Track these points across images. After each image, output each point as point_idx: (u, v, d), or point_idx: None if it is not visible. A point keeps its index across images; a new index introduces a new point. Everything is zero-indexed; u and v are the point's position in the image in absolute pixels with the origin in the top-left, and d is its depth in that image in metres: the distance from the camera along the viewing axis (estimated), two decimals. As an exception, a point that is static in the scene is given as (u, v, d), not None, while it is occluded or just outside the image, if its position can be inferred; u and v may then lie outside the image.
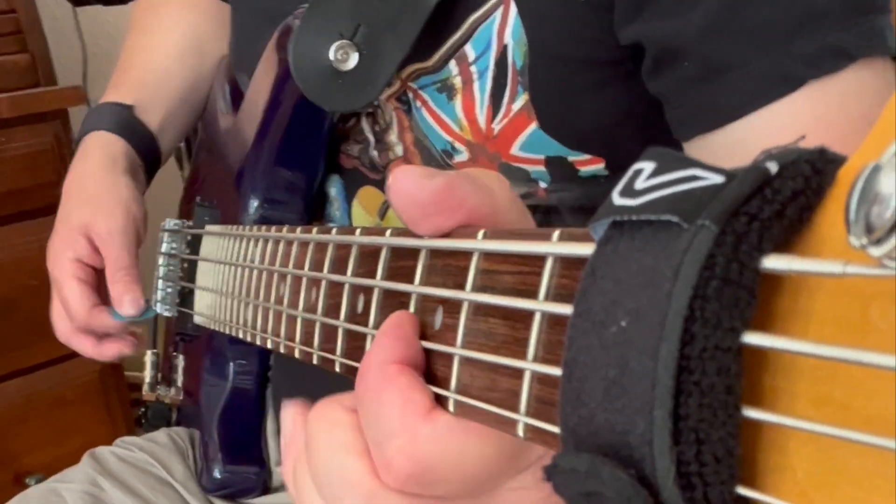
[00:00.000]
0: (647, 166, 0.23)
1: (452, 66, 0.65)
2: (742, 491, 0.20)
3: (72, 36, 2.03)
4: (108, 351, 0.89)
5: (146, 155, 0.94)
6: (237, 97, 0.90)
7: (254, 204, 0.77)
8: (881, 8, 0.53)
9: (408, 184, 0.33)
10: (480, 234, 0.32)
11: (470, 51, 0.64)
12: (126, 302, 0.83)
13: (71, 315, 0.86)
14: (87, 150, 0.90)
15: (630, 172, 0.23)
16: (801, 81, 0.53)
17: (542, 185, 0.67)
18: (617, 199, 0.23)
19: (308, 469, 0.36)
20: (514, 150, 0.65)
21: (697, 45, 0.55)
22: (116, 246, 0.84)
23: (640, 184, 0.23)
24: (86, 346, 0.88)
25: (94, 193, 0.87)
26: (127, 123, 0.92)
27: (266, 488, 0.85)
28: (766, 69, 0.53)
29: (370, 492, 0.32)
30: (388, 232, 0.39)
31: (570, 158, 0.65)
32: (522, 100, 0.63)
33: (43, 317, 0.92)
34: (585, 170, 0.66)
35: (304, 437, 0.36)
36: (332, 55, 0.64)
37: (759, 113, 0.54)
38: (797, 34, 0.52)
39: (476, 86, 0.64)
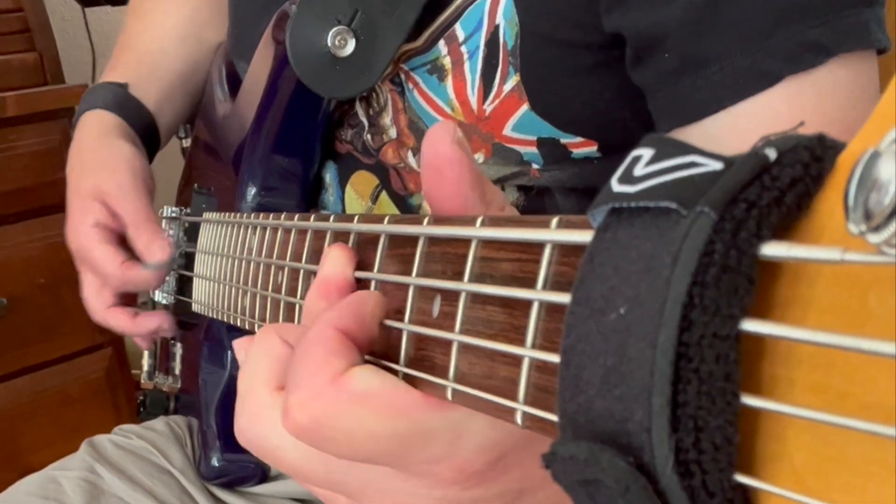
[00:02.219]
0: (645, 153, 0.23)
1: (441, 46, 0.65)
2: (740, 478, 0.20)
3: (81, 36, 2.04)
4: (147, 324, 0.88)
5: (142, 131, 0.93)
6: (235, 84, 0.90)
7: (251, 191, 0.77)
8: (869, 1, 0.53)
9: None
10: (479, 221, 0.32)
11: (459, 31, 0.63)
12: (155, 248, 0.81)
13: (106, 278, 0.84)
14: (81, 129, 0.90)
15: (629, 159, 0.23)
16: (778, 77, 0.52)
17: (535, 165, 0.67)
18: (616, 185, 0.23)
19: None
20: (507, 130, 0.65)
21: (677, 37, 0.54)
22: (130, 200, 0.83)
23: (638, 170, 0.23)
24: (123, 321, 0.87)
25: (95, 159, 0.86)
26: (120, 100, 0.92)
27: (265, 476, 0.85)
28: (744, 64, 0.53)
29: (274, 426, 0.35)
30: (387, 219, 0.39)
31: (563, 140, 0.65)
32: (514, 80, 0.63)
33: (50, 315, 0.92)
34: (578, 151, 0.65)
35: None
36: (329, 41, 0.64)
37: (737, 108, 0.54)
38: (776, 29, 0.52)
39: (467, 66, 0.64)
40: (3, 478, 1.61)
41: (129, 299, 0.89)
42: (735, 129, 0.54)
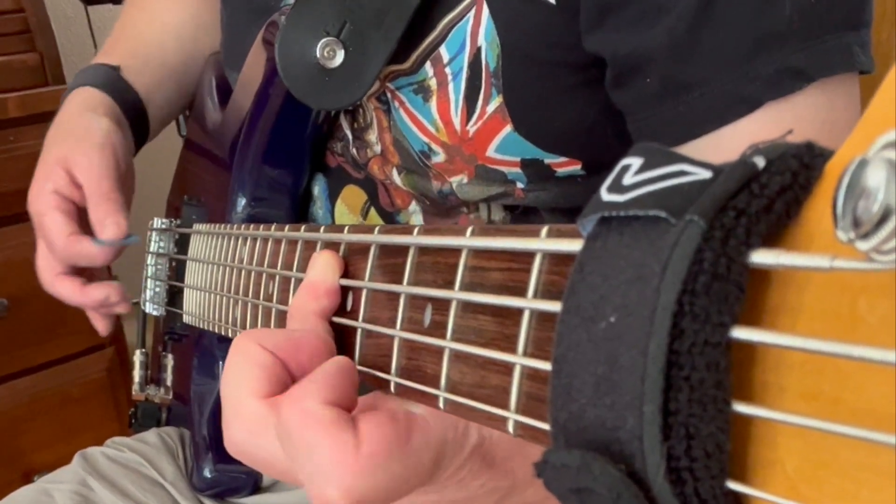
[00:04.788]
0: (634, 162, 0.23)
1: (428, 67, 0.65)
2: (732, 485, 0.20)
3: (84, 34, 2.05)
4: (94, 293, 0.85)
5: (131, 113, 0.92)
6: (225, 95, 0.90)
7: (241, 202, 0.77)
8: (853, 24, 0.53)
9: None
10: (469, 230, 0.32)
11: (444, 52, 0.63)
12: (108, 224, 0.80)
13: (51, 246, 0.83)
14: (66, 103, 0.89)
15: (618, 168, 0.23)
16: (758, 103, 0.52)
17: (520, 185, 0.67)
18: (605, 194, 0.23)
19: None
20: (490, 151, 0.65)
21: (659, 62, 0.55)
22: (95, 174, 0.82)
23: (627, 179, 0.23)
24: (70, 290, 0.86)
25: (70, 129, 0.85)
26: (111, 80, 0.91)
27: (256, 487, 0.85)
28: (725, 90, 0.53)
29: (269, 436, 0.36)
30: (377, 230, 0.39)
31: (547, 161, 0.65)
32: (496, 102, 0.63)
33: (51, 315, 0.91)
34: (562, 171, 0.65)
35: None
36: (318, 53, 0.64)
37: (717, 133, 0.54)
38: (757, 54, 0.52)
39: (451, 87, 0.64)
40: (4, 477, 1.62)
41: (84, 273, 0.87)
42: (715, 153, 0.54)
